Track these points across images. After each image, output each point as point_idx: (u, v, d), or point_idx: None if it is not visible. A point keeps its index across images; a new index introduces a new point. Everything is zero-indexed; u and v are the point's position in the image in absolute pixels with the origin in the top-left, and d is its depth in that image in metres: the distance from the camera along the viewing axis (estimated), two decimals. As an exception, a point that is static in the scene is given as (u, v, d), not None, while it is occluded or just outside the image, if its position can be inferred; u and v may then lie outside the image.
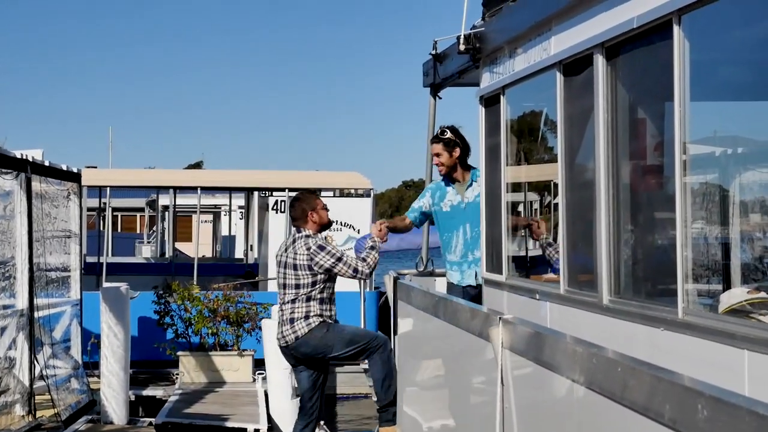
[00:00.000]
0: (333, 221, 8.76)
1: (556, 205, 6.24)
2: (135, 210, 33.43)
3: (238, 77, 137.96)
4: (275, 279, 14.66)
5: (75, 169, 11.81)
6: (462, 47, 7.51)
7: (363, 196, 16.98)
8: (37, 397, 9.98)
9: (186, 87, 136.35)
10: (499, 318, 4.00)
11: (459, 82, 8.81)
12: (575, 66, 5.70)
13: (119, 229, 33.93)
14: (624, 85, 5.25)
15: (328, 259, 7.85)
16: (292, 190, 16.19)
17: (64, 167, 11.34)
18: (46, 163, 10.67)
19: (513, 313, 4.40)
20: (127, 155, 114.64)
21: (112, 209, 22.12)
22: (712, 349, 4.21)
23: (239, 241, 24.60)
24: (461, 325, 4.72)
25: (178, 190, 19.67)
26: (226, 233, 27.67)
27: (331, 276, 7.94)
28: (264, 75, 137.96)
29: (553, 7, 5.99)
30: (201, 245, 19.05)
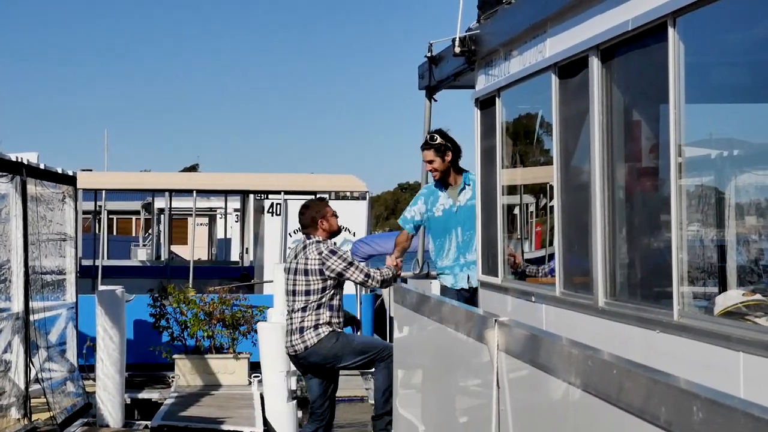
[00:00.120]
0: (342, 228, 8.73)
1: (551, 207, 6.24)
2: (130, 213, 33.45)
3: (234, 80, 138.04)
4: (271, 282, 14.76)
5: (70, 172, 11.79)
6: (457, 49, 7.51)
7: (359, 199, 17.00)
8: (32, 400, 9.96)
9: (182, 90, 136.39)
10: (495, 320, 3.99)
11: (454, 85, 8.81)
12: (570, 68, 5.70)
13: (115, 232, 33.94)
14: (619, 88, 5.25)
15: (339, 263, 7.81)
16: (287, 193, 16.20)
17: (60, 170, 11.33)
18: (42, 166, 10.65)
19: (509, 315, 4.40)
20: (123, 158, 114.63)
21: (107, 212, 22.08)
22: (708, 351, 4.22)
23: (235, 244, 24.59)
24: (457, 328, 4.72)
25: (173, 193, 19.66)
26: (221, 236, 27.63)
27: (340, 282, 7.90)
28: (260, 78, 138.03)
29: (548, 10, 6.00)
30: (197, 248, 19.03)
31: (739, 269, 4.64)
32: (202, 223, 28.22)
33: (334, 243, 8.10)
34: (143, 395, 13.46)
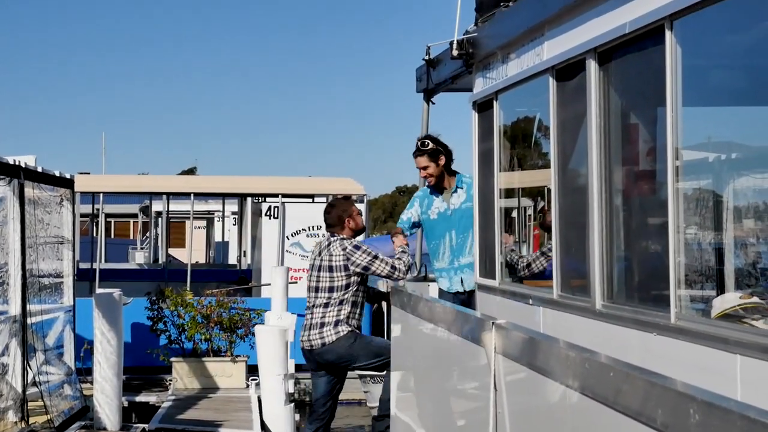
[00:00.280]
0: (365, 226, 8.70)
1: (548, 210, 6.24)
2: (128, 216, 33.44)
3: (232, 83, 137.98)
4: (268, 285, 14.74)
5: (68, 175, 11.78)
6: (455, 52, 7.52)
7: (356, 202, 16.97)
8: (30, 403, 9.95)
9: (180, 93, 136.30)
10: (492, 323, 4.00)
11: (452, 88, 8.82)
12: (568, 71, 5.71)
13: (112, 235, 33.92)
14: (616, 91, 5.25)
15: (365, 258, 7.80)
16: (285, 195, 16.20)
17: (57, 173, 11.33)
18: (39, 169, 10.65)
19: (506, 318, 4.39)
20: (121, 161, 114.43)
21: (105, 215, 22.10)
22: (705, 353, 4.22)
23: (232, 247, 24.60)
24: (454, 330, 4.72)
25: (171, 196, 19.66)
26: (219, 239, 27.65)
27: (363, 279, 7.89)
28: (258, 81, 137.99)
29: (546, 13, 6.00)
30: (194, 251, 19.02)
31: (736, 272, 4.64)
32: (199, 226, 28.23)
33: (358, 239, 8.08)
34: (141, 398, 13.44)
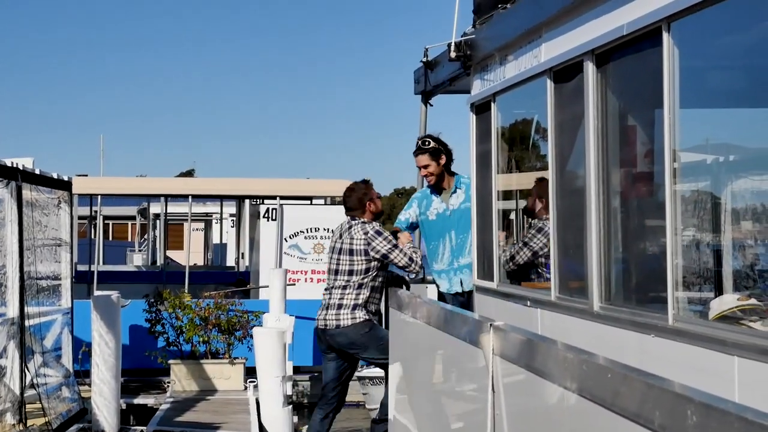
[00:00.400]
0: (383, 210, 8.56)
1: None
2: (126, 218, 33.41)
3: (229, 85, 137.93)
4: (266, 287, 14.74)
5: (66, 178, 11.78)
6: (453, 54, 7.53)
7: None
8: (28, 405, 9.94)
9: (178, 95, 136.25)
10: (490, 325, 4.00)
11: (450, 90, 8.83)
12: (565, 73, 5.71)
13: (110, 237, 33.87)
14: (614, 92, 5.26)
15: (385, 245, 7.76)
16: (283, 198, 16.20)
17: (55, 175, 11.32)
18: (37, 171, 10.65)
19: (504, 319, 4.39)
20: (119, 163, 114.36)
21: (103, 217, 22.09)
22: (703, 355, 4.22)
23: (230, 249, 24.58)
24: (452, 332, 4.72)
25: (169, 198, 19.65)
26: (217, 241, 27.65)
27: (384, 264, 7.86)
28: (255, 83, 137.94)
29: (543, 15, 6.01)
30: (192, 253, 19.02)
31: (733, 274, 4.65)
32: (197, 228, 28.22)
33: (379, 224, 8.04)
34: (139, 400, 13.44)
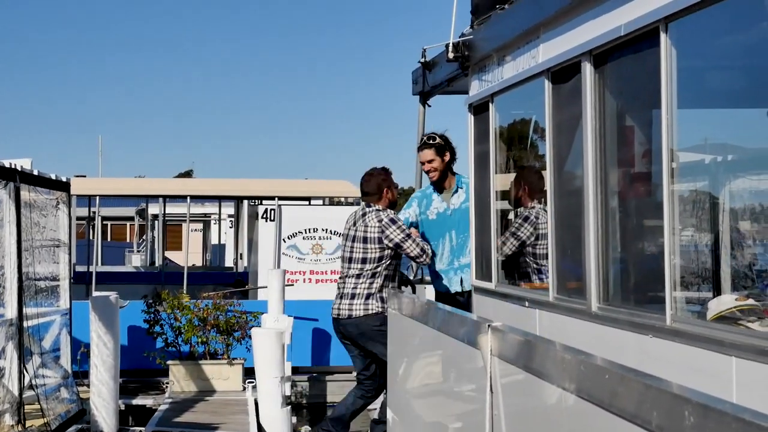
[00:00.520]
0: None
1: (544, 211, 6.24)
2: (125, 219, 33.41)
3: (228, 86, 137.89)
4: (265, 287, 14.73)
5: (64, 178, 11.78)
6: (451, 55, 7.53)
7: (353, 205, 16.98)
8: (26, 406, 9.94)
9: (176, 95, 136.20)
10: (488, 325, 4.00)
11: (448, 90, 8.83)
12: (563, 73, 5.72)
13: (109, 238, 33.89)
14: (612, 93, 5.26)
15: (398, 234, 7.72)
16: (281, 198, 16.19)
17: (53, 176, 11.32)
18: (35, 172, 10.64)
19: (502, 320, 4.39)
20: (117, 164, 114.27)
21: (101, 218, 22.09)
22: (700, 355, 4.22)
23: (229, 249, 24.60)
24: (450, 333, 4.72)
25: (167, 198, 19.64)
26: (215, 242, 27.66)
27: (397, 253, 7.83)
28: (254, 83, 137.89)
29: (541, 15, 6.01)
30: (191, 254, 19.02)
31: (732, 274, 4.65)
32: (196, 229, 28.20)
33: (394, 212, 7.99)
34: (137, 401, 13.43)
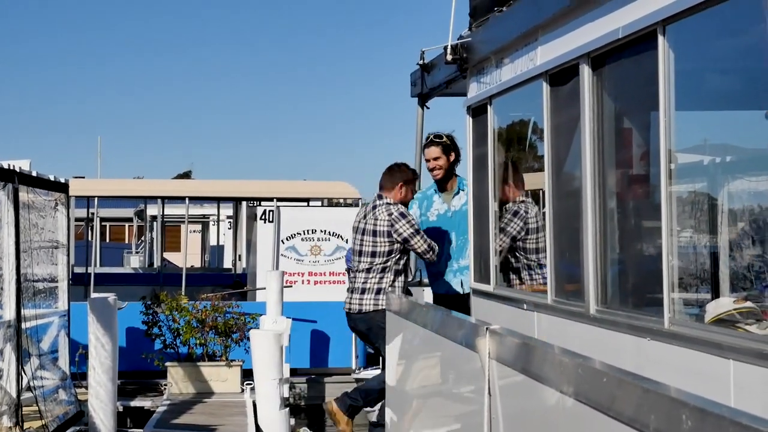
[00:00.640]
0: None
1: (543, 214, 6.25)
2: (123, 220, 33.41)
3: (226, 87, 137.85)
4: (263, 289, 14.72)
5: (63, 180, 11.77)
6: (449, 57, 7.53)
7: (351, 206, 16.98)
8: (24, 408, 9.93)
9: (175, 97, 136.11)
10: (486, 328, 4.00)
11: (446, 92, 8.83)
12: (561, 76, 5.72)
13: (107, 239, 33.88)
14: (610, 95, 5.27)
15: (407, 229, 7.69)
16: (280, 199, 16.19)
17: (52, 177, 11.31)
18: (34, 173, 10.64)
19: (501, 323, 4.39)
20: (116, 165, 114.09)
21: (100, 219, 22.07)
22: (698, 358, 4.22)
23: (228, 251, 24.57)
24: (449, 336, 4.72)
25: (166, 200, 19.64)
26: (214, 243, 27.62)
27: (406, 248, 7.81)
28: (252, 85, 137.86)
29: (540, 18, 6.01)
30: (189, 255, 19.00)
31: (730, 276, 4.65)
32: (194, 230, 28.19)
33: (405, 207, 7.92)
34: (135, 403, 13.42)
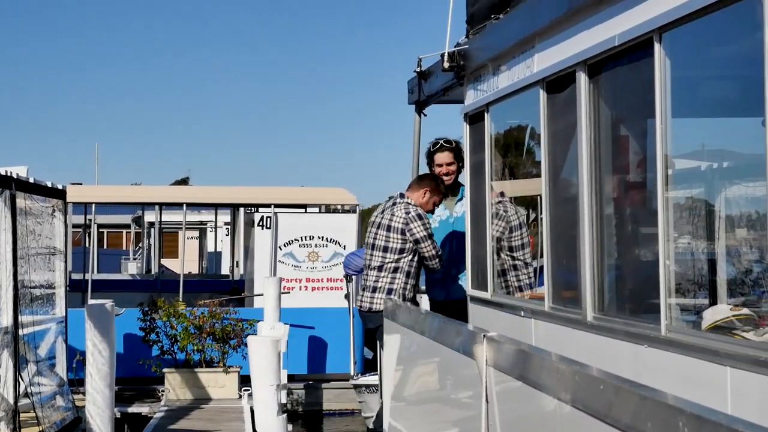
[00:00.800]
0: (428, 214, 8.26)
1: (540, 221, 6.25)
2: (121, 226, 33.43)
3: (224, 93, 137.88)
4: (261, 295, 14.73)
5: (60, 186, 11.78)
6: (446, 65, 7.54)
7: (349, 212, 16.99)
8: (22, 414, 9.93)
9: (172, 103, 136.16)
10: (484, 335, 4.00)
11: (443, 100, 8.84)
12: (558, 83, 5.73)
13: (105, 246, 33.88)
14: (606, 102, 5.28)
15: (420, 231, 7.67)
16: (278, 206, 16.19)
17: (49, 184, 11.32)
18: (31, 180, 10.65)
19: (498, 330, 4.40)
20: (113, 171, 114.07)
21: (97, 226, 22.06)
22: (695, 366, 4.23)
23: (225, 257, 24.57)
24: (446, 343, 4.72)
25: (163, 206, 19.64)
26: (212, 249, 27.61)
27: (417, 250, 7.77)
28: (250, 91, 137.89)
29: (536, 25, 6.03)
30: (187, 261, 19.00)
31: (727, 282, 4.66)
32: (192, 237, 28.21)
33: (424, 211, 7.85)
34: (133, 409, 13.43)
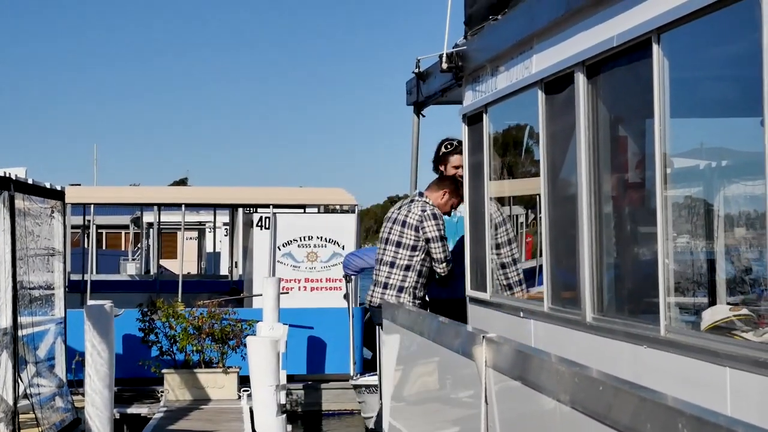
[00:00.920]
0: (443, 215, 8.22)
1: (539, 222, 6.26)
2: (119, 227, 33.42)
3: (223, 94, 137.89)
4: (260, 296, 14.73)
5: (59, 187, 11.78)
6: (444, 66, 7.54)
7: (348, 212, 17.00)
8: (21, 415, 9.92)
9: (171, 104, 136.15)
10: (483, 336, 4.00)
11: (442, 101, 8.84)
12: (556, 84, 5.73)
13: (104, 247, 33.87)
14: (605, 103, 5.28)
15: (434, 231, 7.66)
16: (276, 206, 16.19)
17: (48, 185, 11.32)
18: (30, 181, 10.64)
19: (497, 331, 4.40)
20: (112, 172, 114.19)
21: (96, 226, 22.06)
22: (695, 366, 4.23)
23: (224, 257, 24.57)
24: (445, 344, 4.72)
25: (162, 207, 19.65)
26: (210, 250, 27.63)
27: (428, 251, 7.76)
28: (249, 92, 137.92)
29: (535, 26, 6.03)
30: (186, 262, 18.99)
31: (726, 282, 4.66)
32: (191, 237, 28.21)
33: (440, 212, 7.84)
34: (132, 410, 13.43)
